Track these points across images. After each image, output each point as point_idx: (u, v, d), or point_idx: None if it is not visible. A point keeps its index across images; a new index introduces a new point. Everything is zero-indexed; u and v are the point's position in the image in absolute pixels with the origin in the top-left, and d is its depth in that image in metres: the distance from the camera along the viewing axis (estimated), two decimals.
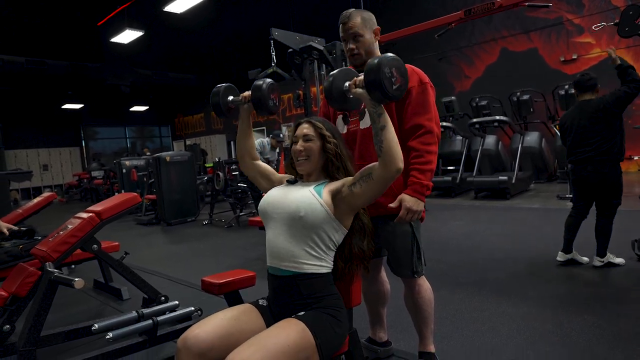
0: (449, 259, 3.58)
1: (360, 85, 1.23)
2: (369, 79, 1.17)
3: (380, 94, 1.18)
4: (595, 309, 2.38)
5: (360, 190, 1.32)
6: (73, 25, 10.57)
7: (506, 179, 6.45)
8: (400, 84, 1.19)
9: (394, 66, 1.18)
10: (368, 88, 1.19)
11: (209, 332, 1.22)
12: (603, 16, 7.95)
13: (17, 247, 2.93)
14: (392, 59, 1.19)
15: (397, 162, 1.26)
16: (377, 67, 1.15)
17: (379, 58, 1.18)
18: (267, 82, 1.50)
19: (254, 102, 1.48)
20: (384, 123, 1.25)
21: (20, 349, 1.51)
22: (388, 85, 1.16)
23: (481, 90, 8.91)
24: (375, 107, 1.25)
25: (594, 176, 2.97)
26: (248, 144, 1.61)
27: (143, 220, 7.13)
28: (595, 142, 2.94)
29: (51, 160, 15.90)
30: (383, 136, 1.25)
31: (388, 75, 1.16)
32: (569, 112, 3.20)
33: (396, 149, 1.26)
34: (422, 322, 1.77)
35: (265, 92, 1.46)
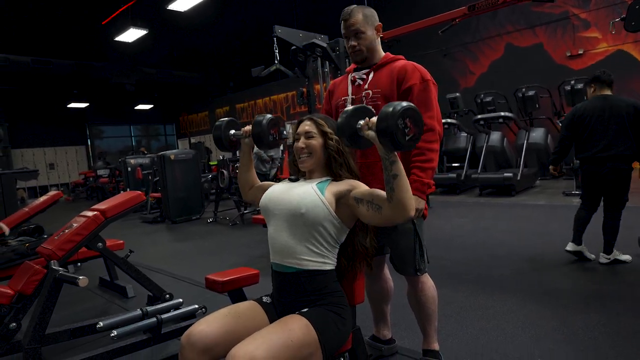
0: (453, 256, 3.57)
1: (372, 127, 1.17)
2: (380, 127, 1.12)
3: (391, 145, 1.13)
4: (601, 306, 2.36)
5: (365, 213, 1.29)
6: (78, 24, 10.60)
7: (511, 175, 6.41)
8: (413, 134, 1.13)
9: (408, 116, 1.12)
10: (379, 136, 1.14)
11: (213, 329, 1.23)
12: (610, 10, 7.86)
13: (23, 245, 2.96)
14: (407, 109, 1.12)
15: (408, 212, 1.21)
16: (390, 117, 1.10)
17: (393, 107, 1.11)
18: (267, 117, 1.52)
19: (254, 137, 1.52)
20: (397, 172, 1.19)
21: (25, 346, 1.53)
22: (400, 136, 1.10)
23: (486, 87, 8.86)
24: (387, 154, 1.19)
25: (612, 172, 2.91)
26: (249, 176, 1.64)
27: (148, 218, 7.17)
28: (622, 139, 2.88)
29: (57, 159, 16.01)
30: (395, 185, 1.19)
31: (401, 126, 1.10)
32: (592, 105, 3.03)
33: (407, 199, 1.20)
34: (425, 320, 1.76)
35: (265, 128, 1.49)
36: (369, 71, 1.76)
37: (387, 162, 1.19)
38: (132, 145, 18.51)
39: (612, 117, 2.89)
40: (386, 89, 1.69)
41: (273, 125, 1.53)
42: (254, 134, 1.52)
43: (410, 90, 1.64)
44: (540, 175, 7.69)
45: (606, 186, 2.99)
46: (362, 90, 1.74)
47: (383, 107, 1.14)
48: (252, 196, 1.65)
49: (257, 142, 1.53)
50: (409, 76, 1.66)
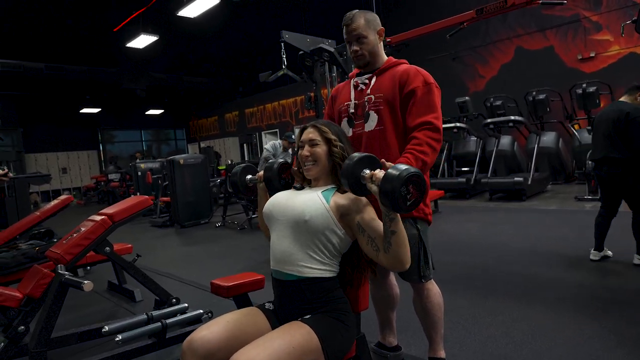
0: (462, 262, 3.52)
1: (376, 182, 1.17)
2: (383, 188, 1.13)
3: (391, 207, 1.14)
4: (615, 313, 2.31)
5: (365, 246, 1.30)
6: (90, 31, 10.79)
7: (522, 180, 6.33)
8: (415, 198, 1.14)
9: (412, 183, 1.12)
10: (380, 197, 1.14)
11: (215, 335, 1.22)
12: (621, 13, 7.75)
13: (33, 248, 3.00)
14: (412, 175, 1.11)
15: (404, 265, 1.24)
16: (395, 181, 1.10)
17: (399, 173, 1.11)
18: (278, 163, 1.57)
19: (266, 182, 1.58)
20: (395, 229, 1.20)
21: (31, 350, 1.54)
22: (402, 202, 1.11)
23: (496, 90, 8.78)
24: (387, 211, 1.19)
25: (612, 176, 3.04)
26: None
27: (157, 222, 7.22)
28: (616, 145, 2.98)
29: (70, 163, 16.24)
30: (392, 240, 1.21)
31: (404, 192, 1.11)
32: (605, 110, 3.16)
33: (404, 254, 1.23)
34: (431, 327, 1.74)
35: (275, 173, 1.55)
36: (371, 76, 1.75)
37: (386, 217, 1.20)
38: (142, 149, 18.71)
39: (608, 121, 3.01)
40: (389, 94, 1.68)
41: (284, 170, 1.58)
42: (265, 179, 1.57)
43: (413, 93, 1.62)
44: (552, 179, 7.58)
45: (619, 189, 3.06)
46: (365, 95, 1.73)
47: (390, 169, 1.13)
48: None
49: (269, 187, 1.58)
50: (412, 79, 1.64)
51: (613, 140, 2.97)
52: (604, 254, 3.22)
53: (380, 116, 1.68)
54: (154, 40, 9.60)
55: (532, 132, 7.40)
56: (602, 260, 3.21)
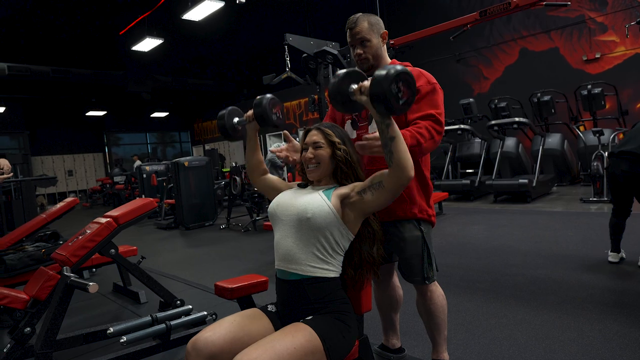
0: (466, 264, 3.51)
1: (365, 92, 1.17)
2: (374, 92, 1.12)
3: (385, 109, 1.13)
4: (619, 316, 2.29)
5: (372, 197, 1.32)
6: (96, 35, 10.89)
7: (526, 182, 6.30)
8: (407, 97, 1.14)
9: (401, 80, 1.12)
10: (372, 100, 1.14)
11: (218, 336, 1.23)
12: (627, 13, 7.71)
13: (39, 250, 3.03)
14: (400, 72, 1.12)
15: (409, 171, 1.24)
16: (383, 81, 1.10)
17: (387, 71, 1.11)
18: (267, 97, 1.48)
19: (257, 119, 1.49)
20: (393, 134, 1.21)
21: (37, 351, 1.55)
22: (394, 101, 1.11)
23: (500, 92, 8.75)
24: (382, 118, 1.20)
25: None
26: (256, 160, 1.63)
27: (162, 224, 7.26)
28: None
29: (76, 166, 16.38)
30: (393, 147, 1.22)
31: (395, 91, 1.10)
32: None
33: (407, 159, 1.23)
34: (434, 329, 1.73)
35: (266, 107, 1.45)
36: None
37: (382, 125, 1.21)
38: (148, 152, 18.82)
39: None
40: None
41: (274, 104, 1.49)
42: (256, 115, 1.49)
43: (418, 91, 1.62)
44: (557, 181, 7.55)
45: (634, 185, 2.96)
46: None
47: (376, 72, 1.13)
48: (262, 186, 1.64)
49: (261, 124, 1.49)
50: (416, 80, 1.64)
51: None
52: (622, 256, 3.19)
53: None
54: (159, 43, 9.67)
55: (537, 133, 7.37)
56: (608, 263, 3.19)
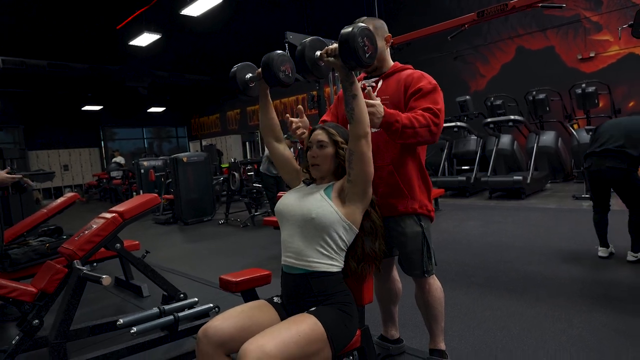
0: (462, 259, 3.60)
1: (332, 53, 1.29)
2: (343, 47, 1.23)
3: (354, 62, 1.24)
4: (608, 308, 2.39)
5: (353, 172, 1.39)
6: (93, 29, 10.83)
7: (521, 178, 6.40)
8: (371, 52, 1.26)
9: (365, 35, 1.25)
10: (343, 57, 1.25)
11: (228, 324, 1.30)
12: (621, 13, 7.81)
13: (43, 245, 3.08)
14: (364, 28, 1.25)
15: (366, 125, 1.36)
16: (351, 38, 1.22)
17: (352, 28, 1.23)
18: (278, 53, 1.46)
19: (263, 69, 1.45)
20: (355, 92, 1.33)
21: (52, 341, 1.62)
22: (362, 54, 1.23)
23: (496, 90, 8.84)
24: (347, 76, 1.31)
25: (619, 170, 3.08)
26: (270, 121, 1.62)
27: (161, 220, 7.30)
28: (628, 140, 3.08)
29: (71, 161, 16.30)
30: (354, 104, 1.34)
31: (361, 44, 1.22)
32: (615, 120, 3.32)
33: (365, 115, 1.36)
34: (432, 320, 1.81)
35: (275, 62, 1.42)
36: (378, 79, 1.82)
37: (347, 83, 1.32)
38: (144, 147, 18.78)
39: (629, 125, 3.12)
40: (394, 96, 1.75)
41: (284, 61, 1.44)
42: (262, 65, 1.45)
43: (420, 90, 1.68)
44: (551, 178, 7.66)
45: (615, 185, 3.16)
46: None
47: (342, 31, 1.24)
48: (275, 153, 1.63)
49: (268, 80, 1.46)
50: (416, 81, 1.71)
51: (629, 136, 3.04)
52: (611, 250, 3.31)
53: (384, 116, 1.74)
54: (157, 38, 9.66)
55: (531, 131, 7.46)
56: (598, 258, 3.29)
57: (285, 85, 1.48)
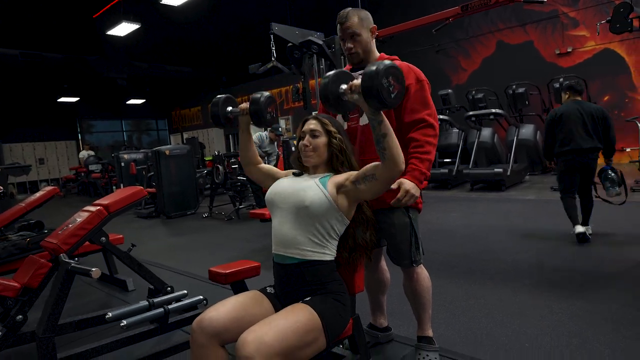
0: (445, 250, 3.68)
1: (356, 90, 1.21)
2: (366, 86, 1.16)
3: (378, 103, 1.17)
4: (587, 295, 2.49)
5: (365, 187, 1.39)
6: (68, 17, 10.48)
7: (501, 171, 6.55)
8: (397, 91, 1.18)
9: (391, 74, 1.17)
10: (365, 96, 1.17)
11: (223, 315, 1.30)
12: (597, 9, 8.02)
13: (24, 239, 3.01)
14: (389, 67, 1.17)
15: (400, 165, 1.32)
16: (374, 76, 1.14)
17: (377, 66, 1.16)
18: (265, 95, 1.54)
19: (252, 115, 1.53)
20: (385, 131, 1.26)
21: (40, 335, 1.59)
22: (386, 94, 1.15)
23: (477, 83, 8.98)
24: (374, 115, 1.24)
25: (593, 162, 3.53)
26: (250, 153, 1.68)
27: (143, 213, 7.19)
28: (597, 137, 3.51)
29: (47, 154, 15.83)
30: (385, 144, 1.27)
31: (386, 85, 1.15)
32: (570, 107, 3.58)
33: (398, 154, 1.30)
34: (420, 308, 1.86)
35: (263, 106, 1.51)
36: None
37: (375, 122, 1.26)
38: (123, 140, 18.39)
39: (591, 120, 3.50)
40: None
41: (270, 103, 1.54)
42: (251, 111, 1.54)
43: (407, 90, 1.71)
44: (530, 170, 7.86)
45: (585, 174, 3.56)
46: None
47: (366, 68, 1.17)
48: (257, 176, 1.69)
49: (255, 120, 1.54)
50: (405, 76, 1.73)
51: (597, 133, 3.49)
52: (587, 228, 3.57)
53: None
54: (136, 28, 9.43)
55: (511, 124, 7.63)
56: (576, 246, 3.42)
57: (270, 125, 1.59)
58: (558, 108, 3.67)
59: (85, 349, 1.75)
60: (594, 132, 3.49)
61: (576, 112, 3.52)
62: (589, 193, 3.61)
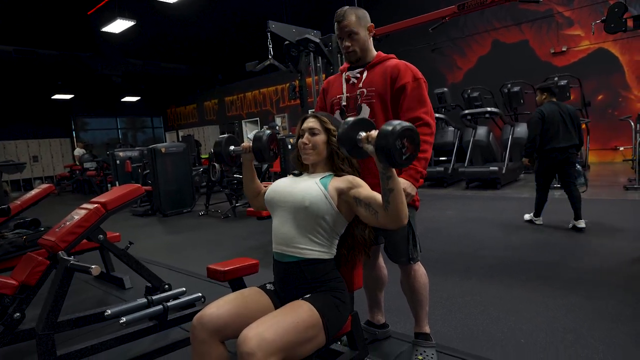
0: (441, 247, 3.71)
1: (372, 142, 1.21)
2: (379, 145, 1.16)
3: (388, 163, 1.18)
4: (580, 291, 2.52)
5: (363, 213, 1.37)
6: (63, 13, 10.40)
7: (497, 169, 6.60)
8: (410, 152, 1.17)
9: (406, 136, 1.16)
10: (377, 153, 1.18)
11: (223, 312, 1.31)
12: (592, 9, 8.08)
13: (20, 237, 3.00)
14: (406, 129, 1.15)
15: (402, 222, 1.30)
16: (389, 136, 1.14)
17: (393, 127, 1.14)
18: (267, 133, 1.58)
19: (255, 152, 1.59)
20: (393, 186, 1.25)
21: (39, 332, 1.59)
22: (397, 156, 1.15)
23: (473, 82, 9.03)
24: (384, 170, 1.24)
25: (573, 157, 3.91)
26: (254, 185, 1.69)
27: (139, 212, 7.17)
28: (576, 134, 3.91)
29: (41, 152, 15.72)
30: (391, 198, 1.26)
31: (399, 146, 1.14)
32: (551, 108, 3.93)
33: (402, 210, 1.27)
34: (417, 305, 1.88)
35: (265, 144, 1.56)
36: (362, 70, 1.84)
37: (384, 176, 1.25)
38: (118, 137, 18.29)
39: (570, 119, 3.89)
40: (380, 87, 1.78)
41: (272, 140, 1.60)
42: (254, 149, 1.59)
43: (404, 88, 1.73)
44: (524, 169, 7.92)
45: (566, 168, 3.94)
46: (357, 89, 1.82)
47: (383, 125, 1.17)
48: (260, 203, 1.69)
49: (258, 157, 1.59)
50: (402, 75, 1.75)
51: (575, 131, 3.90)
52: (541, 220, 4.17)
53: (372, 109, 1.78)
54: (131, 25, 9.38)
55: (506, 123, 7.68)
56: (571, 243, 3.46)
57: (271, 161, 1.64)
58: (543, 108, 3.95)
59: (85, 346, 1.75)
60: (572, 130, 3.88)
61: (558, 113, 3.87)
62: (572, 187, 3.90)
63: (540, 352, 1.90)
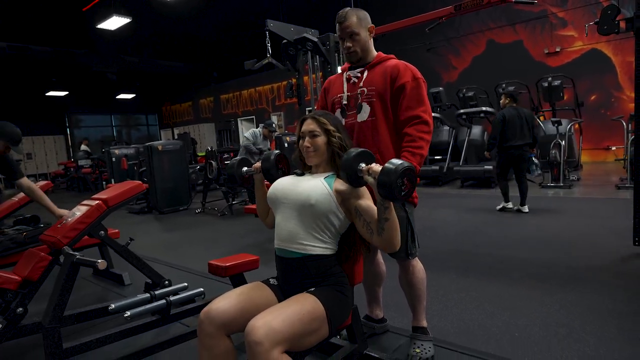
0: (437, 245, 3.76)
1: (372, 175, 1.29)
2: (381, 180, 1.24)
3: (388, 197, 1.27)
4: (573, 287, 2.59)
5: (360, 228, 1.44)
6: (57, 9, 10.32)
7: (491, 168, 6.67)
8: (407, 189, 1.26)
9: (406, 176, 1.25)
10: (379, 187, 1.26)
11: (230, 306, 1.35)
12: (586, 10, 8.18)
13: (20, 234, 3.01)
14: (407, 169, 1.25)
15: (393, 248, 1.37)
16: (392, 174, 1.23)
17: (396, 167, 1.23)
18: (275, 153, 1.67)
19: (264, 172, 1.68)
20: (388, 216, 1.32)
21: (46, 325, 1.62)
22: (397, 192, 1.24)
23: (468, 81, 9.11)
24: (383, 202, 1.31)
25: (526, 153, 4.71)
26: (267, 206, 1.71)
27: (135, 209, 7.17)
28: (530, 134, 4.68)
29: (35, 149, 15.61)
30: (386, 226, 1.33)
31: (399, 184, 1.24)
32: (511, 112, 4.68)
33: (394, 237, 1.35)
34: (415, 300, 1.92)
35: (274, 163, 1.66)
36: (363, 70, 1.89)
37: (381, 206, 1.32)
38: (113, 135, 18.20)
39: (525, 122, 4.65)
40: (380, 87, 1.82)
41: (280, 160, 1.69)
42: (263, 169, 1.68)
43: (404, 87, 1.77)
44: None
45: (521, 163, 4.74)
46: (357, 88, 1.86)
47: (386, 163, 1.26)
48: (272, 220, 1.69)
49: (268, 178, 1.68)
50: (402, 75, 1.79)
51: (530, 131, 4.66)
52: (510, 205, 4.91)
53: (373, 108, 1.83)
54: (127, 22, 9.34)
55: None
56: (565, 240, 3.53)
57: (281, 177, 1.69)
58: (504, 112, 4.70)
59: (90, 339, 1.78)
60: (527, 132, 4.64)
61: (516, 116, 4.62)
62: (523, 179, 4.73)
63: (534, 345, 1.96)
